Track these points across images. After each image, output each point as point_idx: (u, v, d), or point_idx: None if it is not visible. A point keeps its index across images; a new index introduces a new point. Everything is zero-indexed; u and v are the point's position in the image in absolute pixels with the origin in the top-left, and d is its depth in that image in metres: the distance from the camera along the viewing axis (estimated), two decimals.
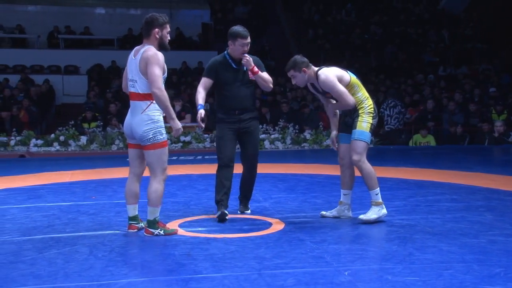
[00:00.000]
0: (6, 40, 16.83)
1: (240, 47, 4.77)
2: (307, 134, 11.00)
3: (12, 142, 10.61)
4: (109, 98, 13.27)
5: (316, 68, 4.31)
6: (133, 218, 4.08)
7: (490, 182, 6.16)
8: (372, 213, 4.18)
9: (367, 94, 4.30)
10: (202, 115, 4.51)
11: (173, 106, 11.09)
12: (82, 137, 10.74)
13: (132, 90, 3.94)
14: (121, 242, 3.78)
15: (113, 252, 3.51)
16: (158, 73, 3.83)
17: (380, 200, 4.22)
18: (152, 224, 3.92)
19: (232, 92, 4.73)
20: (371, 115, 4.22)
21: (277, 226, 4.21)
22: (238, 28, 4.79)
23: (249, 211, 4.80)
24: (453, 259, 3.30)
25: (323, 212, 4.50)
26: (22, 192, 5.85)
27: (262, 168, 6.63)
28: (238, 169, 4.65)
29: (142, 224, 4.10)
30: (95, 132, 10.85)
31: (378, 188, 4.22)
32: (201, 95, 4.69)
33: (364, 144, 4.18)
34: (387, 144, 11.37)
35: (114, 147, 10.55)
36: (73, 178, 6.91)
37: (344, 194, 4.44)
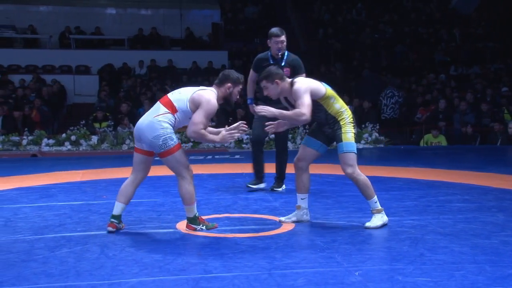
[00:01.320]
0: (19, 40, 16.96)
1: (275, 44, 5.71)
2: None
3: (24, 142, 10.70)
4: (121, 98, 13.33)
5: (290, 80, 4.18)
6: (116, 217, 4.04)
7: (503, 183, 6.11)
8: (377, 220, 4.09)
9: (345, 105, 4.16)
10: (253, 110, 5.32)
11: None
12: (93, 136, 10.80)
13: (170, 96, 3.98)
14: (131, 241, 3.79)
15: (123, 251, 3.53)
16: (202, 120, 3.88)
17: (380, 207, 4.13)
18: (193, 220, 4.01)
19: None
20: (352, 124, 4.12)
21: (287, 226, 4.21)
22: (273, 29, 5.81)
23: (280, 189, 5.79)
24: (464, 260, 3.28)
25: (282, 218, 4.36)
26: (34, 191, 5.89)
27: (272, 168, 6.63)
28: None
29: (121, 225, 4.08)
30: (106, 132, 10.91)
31: (375, 196, 4.12)
32: (249, 88, 5.81)
33: (354, 155, 4.05)
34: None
35: (124, 147, 10.59)
36: (84, 178, 6.94)
37: (301, 199, 4.30)
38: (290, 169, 7.36)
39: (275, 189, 5.82)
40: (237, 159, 8.94)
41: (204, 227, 4.02)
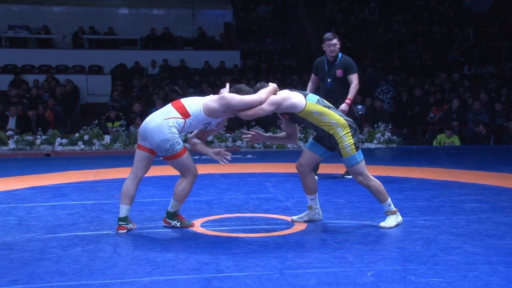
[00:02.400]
0: (33, 40, 17.10)
1: (328, 47, 6.23)
2: None
3: (38, 141, 10.79)
4: (133, 98, 13.39)
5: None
6: (123, 219, 4.03)
7: None
8: (391, 221, 4.09)
9: (336, 116, 4.00)
10: None
11: None
12: (105, 136, 10.86)
13: (183, 101, 3.98)
14: (144, 240, 3.81)
15: (136, 251, 3.54)
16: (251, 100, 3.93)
17: (394, 209, 4.13)
18: (171, 215, 4.11)
19: (324, 86, 6.31)
20: (349, 134, 3.97)
21: (299, 226, 4.20)
22: (327, 34, 6.34)
23: (350, 176, 6.12)
24: (478, 260, 3.26)
25: (294, 217, 4.37)
26: (48, 190, 5.94)
27: (284, 168, 6.63)
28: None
29: (131, 225, 4.07)
30: (118, 132, 10.96)
31: (389, 198, 4.10)
32: (309, 89, 6.26)
33: (358, 165, 4.00)
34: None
35: None
36: (97, 177, 6.99)
37: (311, 199, 4.31)
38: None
39: (345, 176, 6.54)
40: (249, 159, 8.94)
41: (178, 224, 4.10)
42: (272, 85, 4.05)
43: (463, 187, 5.87)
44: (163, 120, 3.88)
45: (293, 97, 3.97)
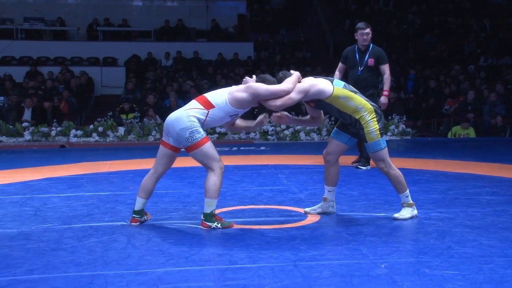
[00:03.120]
0: (48, 32, 17.20)
1: (361, 36, 6.36)
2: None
3: (53, 133, 10.87)
4: (147, 89, 13.43)
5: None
6: (138, 212, 4.04)
7: None
8: (406, 212, 4.07)
9: (363, 101, 3.99)
10: None
11: None
12: (120, 128, 10.91)
13: (206, 95, 3.96)
14: (158, 231, 3.83)
15: (150, 242, 3.57)
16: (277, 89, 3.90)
17: (411, 201, 4.11)
18: (209, 217, 3.84)
19: (355, 74, 6.40)
20: (374, 120, 3.97)
21: (313, 218, 4.20)
22: (360, 23, 6.52)
23: (364, 168, 6.48)
24: (493, 253, 3.23)
25: (307, 209, 4.36)
26: (63, 182, 5.99)
27: (298, 160, 6.61)
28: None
29: (145, 217, 4.09)
30: (132, 123, 11.01)
31: (408, 190, 4.09)
32: (335, 78, 5.88)
33: (382, 151, 4.00)
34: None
35: (151, 138, 10.68)
36: (111, 168, 7.03)
37: (328, 191, 4.29)
38: (317, 160, 7.35)
39: (359, 167, 6.57)
40: (262, 151, 8.94)
41: (219, 225, 3.85)
42: (295, 74, 4.00)
43: (478, 179, 5.82)
44: (184, 111, 3.88)
45: (319, 83, 3.94)
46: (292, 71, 4.05)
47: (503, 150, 8.86)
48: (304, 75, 4.29)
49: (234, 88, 3.98)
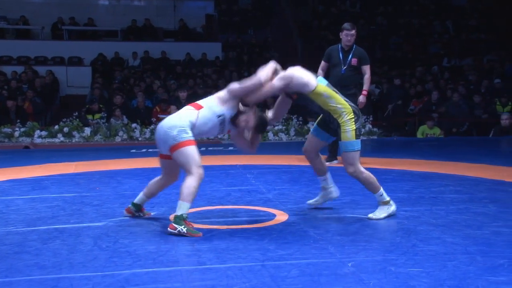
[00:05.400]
0: (11, 31, 16.83)
1: (346, 36, 6.56)
2: (310, 126, 10.99)
3: (17, 133, 10.64)
4: (114, 90, 13.27)
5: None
6: (135, 205, 4.18)
7: (495, 174, 6.14)
8: (381, 212, 4.09)
9: (342, 101, 4.00)
10: None
11: (178, 97, 11.10)
12: (86, 128, 10.76)
13: (198, 101, 3.97)
14: (125, 233, 3.79)
15: (117, 243, 3.53)
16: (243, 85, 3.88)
17: (387, 199, 4.12)
18: (179, 219, 3.69)
19: (338, 73, 6.59)
20: (352, 120, 3.96)
21: (281, 217, 4.22)
22: (345, 23, 6.69)
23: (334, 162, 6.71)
24: (456, 250, 3.30)
25: (310, 201, 4.48)
26: (27, 183, 5.87)
27: (266, 160, 6.63)
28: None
29: (141, 213, 4.18)
30: (99, 124, 10.87)
31: (381, 189, 4.10)
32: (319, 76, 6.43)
33: (355, 153, 4.00)
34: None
35: (118, 139, 10.56)
36: (77, 169, 6.92)
37: (323, 180, 4.40)
38: (285, 160, 7.39)
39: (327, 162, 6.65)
40: (230, 151, 8.93)
41: (185, 230, 3.66)
42: (270, 63, 3.97)
43: (443, 178, 5.94)
44: (175, 114, 3.91)
45: (305, 75, 3.93)
46: (272, 62, 4.02)
47: (467, 150, 9.06)
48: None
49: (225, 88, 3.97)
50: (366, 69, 6.66)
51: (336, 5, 19.01)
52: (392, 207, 4.13)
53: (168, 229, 3.73)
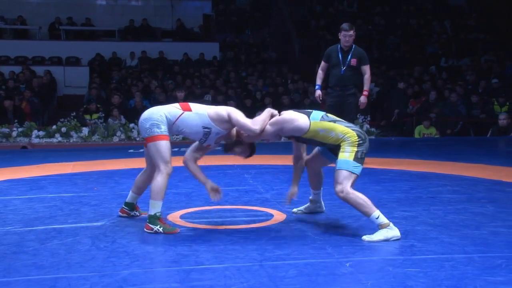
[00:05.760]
0: (8, 31, 16.79)
1: (344, 37, 6.57)
2: None
3: (14, 133, 10.62)
4: (112, 90, 13.25)
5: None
6: (128, 204, 4.24)
7: (493, 174, 6.15)
8: (378, 235, 3.57)
9: (345, 129, 3.75)
10: (317, 94, 6.78)
11: (175, 97, 11.10)
12: (83, 128, 10.74)
13: (189, 103, 3.95)
14: (123, 233, 3.78)
15: (115, 243, 3.52)
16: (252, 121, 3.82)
17: (386, 221, 3.59)
18: (152, 219, 3.75)
19: (337, 73, 6.63)
20: (355, 144, 3.70)
21: (279, 217, 4.22)
22: (344, 24, 6.71)
23: None
24: (454, 250, 3.31)
25: (294, 210, 4.35)
26: (25, 183, 5.86)
27: (264, 160, 6.62)
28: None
29: (136, 213, 4.23)
30: (96, 124, 10.85)
31: (376, 211, 3.61)
32: (319, 76, 6.75)
33: (346, 173, 3.64)
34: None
35: (115, 139, 10.55)
36: (75, 169, 6.91)
37: (314, 194, 4.32)
38: (283, 160, 7.39)
39: None
40: None
41: (161, 229, 3.72)
42: (266, 111, 3.87)
43: (441, 178, 5.94)
44: (159, 107, 3.91)
45: (298, 119, 3.77)
46: (268, 109, 3.92)
47: (465, 150, 9.07)
48: (270, 75, 4.28)
49: (226, 109, 3.90)
50: (366, 69, 6.66)
51: (334, 5, 19.03)
52: (393, 232, 3.58)
53: (145, 229, 3.77)
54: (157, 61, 15.74)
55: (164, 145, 3.79)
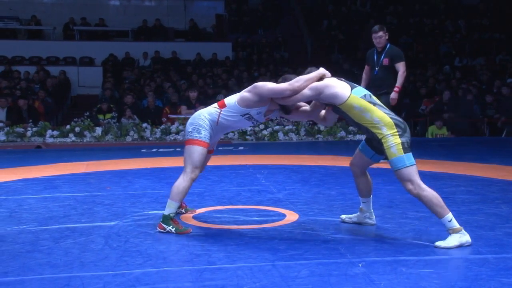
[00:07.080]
0: (23, 32, 16.95)
1: (374, 39, 6.81)
2: (321, 126, 10.97)
3: (29, 133, 10.72)
4: (125, 89, 13.33)
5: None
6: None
7: (507, 174, 6.09)
8: (453, 240, 3.39)
9: (382, 115, 3.55)
10: None
11: (188, 97, 11.13)
12: (97, 128, 10.82)
13: (224, 99, 3.97)
14: (136, 232, 3.80)
15: (128, 243, 3.54)
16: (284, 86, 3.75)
17: (457, 226, 3.42)
18: (166, 219, 3.77)
19: (372, 74, 6.86)
20: (396, 134, 3.50)
21: (291, 217, 4.22)
22: (375, 26, 6.95)
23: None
24: (468, 251, 3.28)
25: (343, 216, 4.15)
26: (39, 183, 5.91)
27: (276, 160, 6.62)
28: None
29: (182, 211, 4.32)
30: (110, 124, 10.92)
31: (449, 214, 3.43)
32: (363, 80, 6.92)
33: (407, 169, 3.46)
34: None
35: (128, 138, 10.61)
36: (88, 169, 6.96)
37: (362, 202, 4.04)
38: (295, 160, 7.38)
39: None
40: (240, 151, 8.94)
41: (173, 230, 3.74)
42: (318, 71, 3.75)
43: (454, 179, 5.90)
44: (203, 110, 3.97)
45: (337, 86, 3.60)
46: (320, 68, 3.80)
47: (478, 150, 9.00)
48: (283, 74, 4.26)
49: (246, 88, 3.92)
50: (400, 66, 6.68)
51: (346, 4, 18.97)
52: (466, 237, 3.41)
53: (158, 228, 3.80)
54: (170, 61, 15.80)
55: (198, 151, 3.79)
